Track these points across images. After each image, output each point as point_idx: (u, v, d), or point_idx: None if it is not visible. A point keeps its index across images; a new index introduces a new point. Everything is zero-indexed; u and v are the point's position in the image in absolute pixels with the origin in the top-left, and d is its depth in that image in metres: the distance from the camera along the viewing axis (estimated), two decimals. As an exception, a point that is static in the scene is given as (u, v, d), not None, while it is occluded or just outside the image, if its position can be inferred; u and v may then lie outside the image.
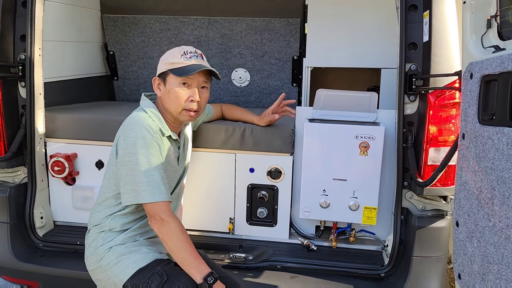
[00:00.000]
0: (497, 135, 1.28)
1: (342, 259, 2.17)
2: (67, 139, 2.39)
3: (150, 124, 1.72)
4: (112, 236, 1.79)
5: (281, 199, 2.27)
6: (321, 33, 2.74)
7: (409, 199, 2.05)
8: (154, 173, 1.66)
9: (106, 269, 1.75)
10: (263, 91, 3.20)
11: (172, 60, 1.76)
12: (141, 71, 3.27)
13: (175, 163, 1.89)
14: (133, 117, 1.76)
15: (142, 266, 1.71)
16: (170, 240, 1.65)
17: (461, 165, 1.55)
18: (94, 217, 1.85)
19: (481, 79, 1.40)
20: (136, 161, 1.65)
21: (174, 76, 1.75)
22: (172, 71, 1.75)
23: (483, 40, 1.51)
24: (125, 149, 1.68)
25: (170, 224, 1.64)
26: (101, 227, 1.81)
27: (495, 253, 1.29)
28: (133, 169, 1.66)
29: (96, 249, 1.78)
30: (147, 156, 1.66)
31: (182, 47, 1.81)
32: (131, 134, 1.68)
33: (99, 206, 1.84)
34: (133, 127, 1.70)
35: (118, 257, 1.74)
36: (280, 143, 2.21)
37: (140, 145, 1.66)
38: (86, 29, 3.09)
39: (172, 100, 1.77)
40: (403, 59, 1.92)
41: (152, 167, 1.66)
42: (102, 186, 1.85)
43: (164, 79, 1.79)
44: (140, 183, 1.65)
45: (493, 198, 1.30)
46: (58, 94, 2.71)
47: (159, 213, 1.64)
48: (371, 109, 2.15)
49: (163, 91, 1.80)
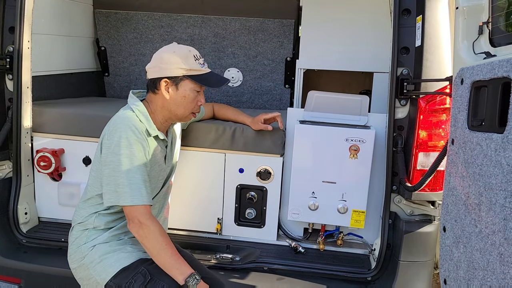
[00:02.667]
0: (486, 141, 1.28)
1: (329, 262, 2.16)
2: (54, 134, 2.36)
3: (136, 124, 1.69)
4: (96, 234, 1.76)
5: (270, 201, 2.26)
6: (315, 35, 2.74)
7: (397, 203, 2.05)
8: (135, 175, 1.64)
9: (89, 267, 1.72)
10: (256, 92, 3.18)
11: (187, 65, 1.74)
12: (132, 68, 3.23)
13: (162, 162, 1.86)
14: (119, 116, 1.73)
15: (125, 266, 1.69)
16: (149, 243, 1.64)
17: (449, 171, 1.55)
18: (78, 215, 1.82)
19: (472, 85, 1.40)
20: (119, 162, 1.63)
21: (192, 82, 1.75)
22: (192, 77, 1.75)
23: (475, 46, 1.51)
24: (109, 148, 1.66)
25: (149, 227, 1.62)
26: (85, 225, 1.78)
27: (480, 259, 1.29)
28: (115, 169, 1.64)
29: (79, 247, 1.76)
30: (130, 157, 1.64)
31: (188, 49, 1.78)
32: (116, 134, 1.66)
33: (84, 203, 1.81)
34: (118, 127, 1.67)
35: (101, 256, 1.71)
36: (270, 144, 2.20)
37: (124, 146, 1.64)
38: (78, 24, 3.05)
39: (185, 104, 1.77)
40: (395, 63, 1.92)
41: (134, 169, 1.64)
42: (87, 183, 1.82)
43: (177, 83, 1.76)
44: (121, 184, 1.63)
45: (480, 204, 1.30)
46: (46, 89, 2.68)
47: (138, 217, 1.63)
48: (362, 113, 2.15)
49: (172, 94, 1.76)
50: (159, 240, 1.63)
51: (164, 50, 1.79)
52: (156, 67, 1.77)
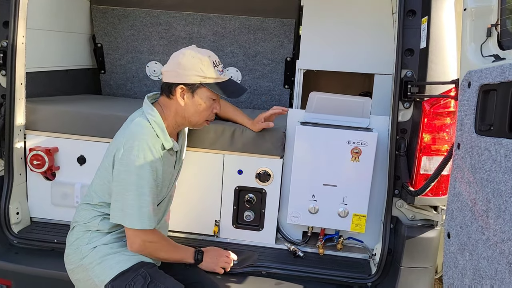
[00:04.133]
0: (495, 146, 1.24)
1: (328, 266, 2.12)
2: (48, 132, 2.30)
3: (154, 142, 1.66)
4: (98, 236, 1.73)
5: (268, 203, 2.22)
6: (316, 35, 2.70)
7: (399, 207, 2.01)
8: (146, 198, 1.63)
9: (88, 268, 1.68)
10: (254, 92, 3.14)
11: (205, 72, 1.69)
12: (129, 66, 3.18)
13: (172, 169, 1.85)
14: (136, 131, 1.66)
15: (125, 268, 1.66)
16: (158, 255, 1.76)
17: (455, 176, 1.51)
18: (81, 215, 1.77)
19: (480, 89, 1.37)
20: (132, 182, 1.61)
21: (209, 90, 1.72)
22: (209, 85, 1.71)
23: (483, 49, 1.48)
24: (123, 165, 1.63)
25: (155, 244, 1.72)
26: (87, 226, 1.74)
27: (488, 267, 1.26)
28: (126, 189, 1.61)
29: (79, 247, 1.72)
30: (145, 179, 1.62)
31: (208, 55, 1.73)
32: (133, 152, 1.61)
33: (88, 205, 1.77)
34: (136, 144, 1.62)
35: (101, 257, 1.68)
36: (270, 146, 2.15)
37: (139, 166, 1.61)
38: (74, 20, 3.00)
39: (200, 112, 1.75)
40: (399, 65, 1.88)
41: (145, 191, 1.62)
42: (92, 186, 1.77)
43: (193, 90, 1.72)
44: (130, 206, 1.62)
45: (488, 211, 1.27)
46: (40, 85, 2.62)
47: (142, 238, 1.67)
48: (364, 115, 2.11)
49: (188, 101, 1.73)
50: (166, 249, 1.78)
51: (183, 55, 1.72)
52: (173, 72, 1.71)
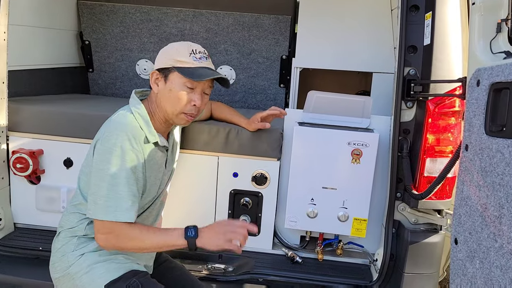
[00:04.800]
0: (509, 148, 1.17)
1: (328, 272, 2.04)
2: (32, 133, 2.18)
3: (135, 132, 1.55)
4: (85, 242, 1.62)
5: (265, 207, 2.13)
6: (312, 32, 2.62)
7: (401, 211, 1.94)
8: (122, 188, 1.50)
9: (75, 277, 1.58)
10: (249, 91, 3.05)
11: (179, 57, 1.60)
12: (118, 64, 3.06)
13: (163, 168, 1.74)
14: (117, 121, 1.57)
15: (115, 277, 1.56)
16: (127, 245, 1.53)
17: (462, 179, 1.44)
18: (66, 220, 1.67)
19: (490, 87, 1.29)
20: (108, 171, 1.50)
21: (180, 75, 1.59)
22: (179, 69, 1.59)
23: (492, 45, 1.41)
24: (101, 155, 1.53)
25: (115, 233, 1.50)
26: (74, 232, 1.64)
27: (501, 277, 1.18)
28: (101, 179, 1.51)
29: (65, 254, 1.61)
30: (121, 169, 1.50)
31: (189, 44, 1.65)
32: (110, 140, 1.51)
33: (74, 208, 1.67)
34: (114, 133, 1.52)
35: (90, 265, 1.58)
36: (267, 147, 2.07)
37: (116, 155, 1.50)
38: (60, 15, 2.88)
39: (172, 100, 1.62)
40: (401, 62, 1.81)
41: (121, 181, 1.50)
42: (78, 186, 1.67)
43: (166, 75, 1.62)
44: (105, 197, 1.50)
45: (501, 217, 1.19)
46: (24, 84, 2.50)
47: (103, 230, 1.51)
48: (364, 115, 2.04)
49: (161, 88, 1.63)
50: (132, 236, 1.50)
51: (165, 47, 1.69)
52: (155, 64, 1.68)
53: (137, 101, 1.66)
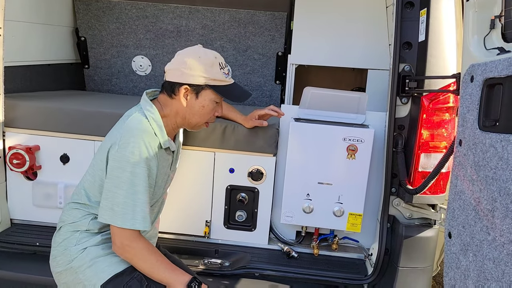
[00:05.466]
0: (502, 143, 1.19)
1: (323, 267, 2.06)
2: (28, 129, 2.18)
3: (151, 140, 1.57)
4: (88, 237, 1.63)
5: (261, 202, 2.14)
6: (308, 29, 2.62)
7: (396, 206, 1.96)
8: (140, 196, 1.54)
9: (78, 271, 1.59)
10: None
11: (212, 73, 1.63)
12: (114, 60, 3.06)
13: (168, 170, 1.77)
14: (133, 127, 1.57)
15: (119, 271, 1.57)
16: (137, 264, 1.58)
17: (456, 173, 1.46)
18: (69, 215, 1.67)
19: (484, 83, 1.31)
20: (125, 180, 1.52)
21: (213, 92, 1.65)
22: (215, 88, 1.64)
23: (486, 41, 1.42)
24: (117, 161, 1.53)
25: (134, 249, 1.56)
26: (76, 226, 1.64)
27: (494, 269, 1.20)
28: (119, 187, 1.52)
29: (67, 249, 1.62)
30: (139, 177, 1.53)
31: (214, 56, 1.65)
32: (128, 148, 1.52)
33: (77, 204, 1.67)
34: (132, 141, 1.53)
35: (92, 259, 1.59)
36: (263, 143, 2.08)
37: (134, 163, 1.52)
38: (55, 12, 2.86)
39: (202, 115, 1.68)
40: (396, 59, 1.82)
41: (139, 189, 1.53)
42: (84, 185, 1.67)
43: (198, 92, 1.64)
44: (122, 204, 1.52)
45: (494, 210, 1.21)
46: (20, 80, 2.49)
47: (122, 240, 1.54)
48: (360, 111, 2.05)
49: (191, 102, 1.65)
50: (147, 260, 1.56)
51: (189, 54, 1.65)
52: (178, 71, 1.63)
53: (150, 103, 1.66)
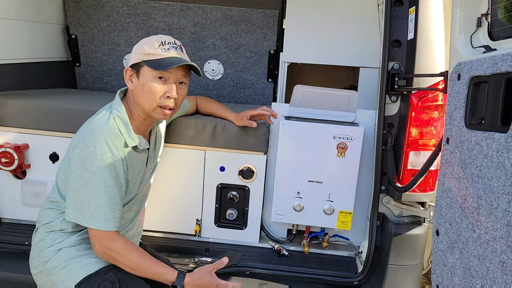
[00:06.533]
0: (486, 140, 1.19)
1: (314, 265, 2.06)
2: (17, 128, 2.16)
3: (114, 139, 1.54)
4: (62, 237, 1.62)
5: (252, 201, 2.14)
6: (300, 27, 2.62)
7: (385, 204, 1.97)
8: (103, 197, 1.51)
9: (52, 273, 1.58)
10: (237, 86, 3.05)
11: (148, 50, 1.58)
12: (105, 58, 3.04)
13: (143, 167, 1.73)
14: (97, 126, 1.55)
15: (92, 272, 1.56)
16: (120, 264, 1.56)
17: (444, 171, 1.47)
18: (44, 215, 1.66)
19: (470, 81, 1.32)
20: (88, 179, 1.50)
21: (150, 69, 1.56)
22: (147, 62, 1.56)
23: (473, 40, 1.43)
24: (80, 160, 1.51)
25: (115, 251, 1.54)
26: (51, 226, 1.63)
27: (479, 266, 1.21)
28: (82, 186, 1.51)
29: (42, 250, 1.61)
30: (101, 177, 1.50)
31: (159, 36, 1.62)
32: (90, 147, 1.50)
33: (51, 203, 1.66)
34: (94, 140, 1.51)
35: (66, 261, 1.57)
36: (253, 141, 2.07)
37: (97, 163, 1.50)
38: (45, 9, 2.83)
39: (146, 95, 1.58)
40: (386, 57, 1.83)
41: (101, 189, 1.51)
42: (56, 183, 1.66)
43: (138, 70, 1.60)
44: (86, 204, 1.51)
45: (479, 208, 1.22)
46: (10, 78, 2.47)
47: (101, 242, 1.53)
48: (350, 109, 2.05)
49: (135, 84, 1.61)
50: (129, 259, 1.55)
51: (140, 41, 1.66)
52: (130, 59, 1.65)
53: (119, 102, 1.63)
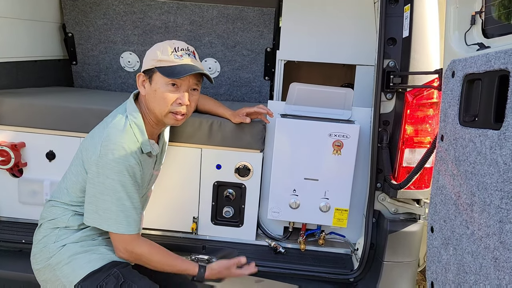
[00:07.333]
0: (480, 137, 1.20)
1: (310, 262, 2.07)
2: (14, 126, 2.16)
3: (131, 146, 1.56)
4: (67, 233, 1.63)
5: (248, 198, 2.15)
6: (297, 25, 2.62)
7: (381, 201, 1.97)
8: (124, 202, 1.54)
9: (56, 268, 1.59)
10: (234, 84, 3.05)
11: (161, 56, 1.59)
12: (102, 56, 3.03)
13: (151, 170, 1.77)
14: (114, 133, 1.56)
15: (96, 268, 1.57)
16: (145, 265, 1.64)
17: (438, 168, 1.47)
18: (48, 212, 1.67)
19: (464, 78, 1.32)
20: (109, 186, 1.52)
21: (162, 75, 1.58)
22: (160, 69, 1.58)
23: (467, 37, 1.44)
24: (99, 168, 1.53)
25: (139, 254, 1.60)
26: (56, 223, 1.64)
27: (472, 262, 1.22)
28: (103, 193, 1.53)
29: (46, 246, 1.62)
30: (122, 184, 1.53)
31: (172, 42, 1.64)
32: (108, 155, 1.52)
33: (58, 202, 1.67)
34: (113, 148, 1.52)
35: (70, 256, 1.59)
36: (250, 139, 2.08)
37: (116, 171, 1.52)
38: (42, 7, 2.83)
39: (158, 101, 1.61)
40: (381, 55, 1.83)
41: (123, 195, 1.54)
42: (66, 184, 1.67)
43: (150, 76, 1.62)
44: (108, 209, 1.54)
45: (473, 205, 1.23)
46: (6, 77, 2.46)
47: (125, 246, 1.58)
48: (346, 106, 2.06)
49: (148, 89, 1.63)
50: (153, 260, 1.63)
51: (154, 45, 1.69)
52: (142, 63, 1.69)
53: (134, 107, 1.65)
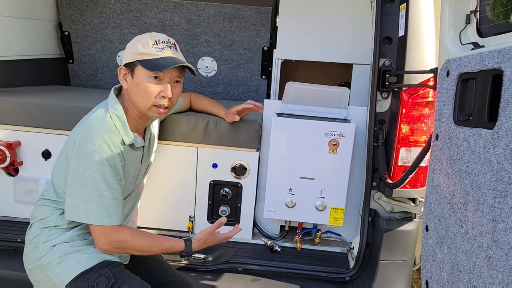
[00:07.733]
0: (474, 137, 1.20)
1: (306, 261, 2.07)
2: (9, 125, 2.16)
3: (112, 137, 1.54)
4: (57, 233, 1.61)
5: (245, 197, 2.15)
6: (293, 24, 2.62)
7: (377, 200, 1.98)
8: (104, 193, 1.52)
9: (47, 268, 1.57)
10: (231, 83, 3.05)
11: (142, 50, 1.57)
12: (99, 55, 3.03)
13: (138, 164, 1.73)
14: (94, 124, 1.55)
15: (87, 268, 1.55)
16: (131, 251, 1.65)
17: (433, 167, 1.48)
18: (39, 211, 1.66)
19: (458, 77, 1.33)
20: (89, 177, 1.50)
21: (144, 69, 1.56)
22: (142, 63, 1.56)
23: (462, 36, 1.44)
24: (79, 159, 1.51)
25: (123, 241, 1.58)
26: (46, 222, 1.63)
27: (466, 261, 1.22)
28: (83, 183, 1.51)
29: (37, 246, 1.61)
30: (102, 174, 1.51)
31: (153, 35, 1.61)
32: (88, 146, 1.50)
33: (47, 200, 1.65)
34: (92, 138, 1.51)
35: (61, 256, 1.57)
36: (246, 138, 2.08)
37: (96, 161, 1.50)
38: (38, 5, 2.82)
39: (140, 94, 1.58)
40: (377, 54, 1.83)
41: (102, 186, 1.51)
42: (52, 181, 1.66)
43: (132, 70, 1.59)
44: (89, 201, 1.51)
45: (467, 204, 1.23)
46: (2, 75, 2.46)
47: (107, 237, 1.55)
48: (342, 105, 2.06)
49: (130, 83, 1.61)
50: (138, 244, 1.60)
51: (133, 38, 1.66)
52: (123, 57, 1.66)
53: (115, 100, 1.63)
